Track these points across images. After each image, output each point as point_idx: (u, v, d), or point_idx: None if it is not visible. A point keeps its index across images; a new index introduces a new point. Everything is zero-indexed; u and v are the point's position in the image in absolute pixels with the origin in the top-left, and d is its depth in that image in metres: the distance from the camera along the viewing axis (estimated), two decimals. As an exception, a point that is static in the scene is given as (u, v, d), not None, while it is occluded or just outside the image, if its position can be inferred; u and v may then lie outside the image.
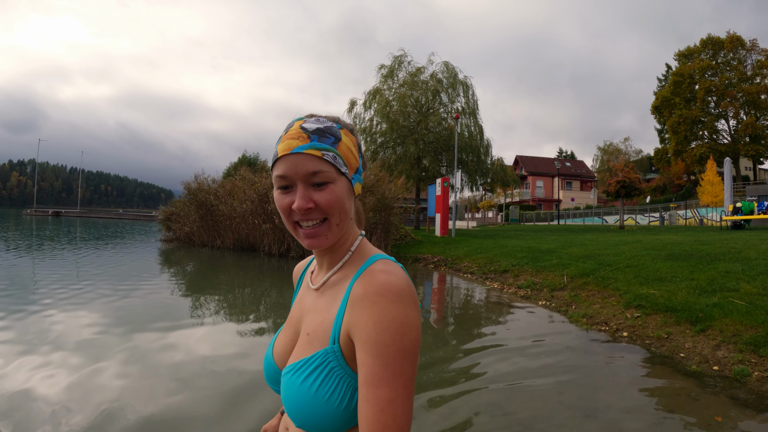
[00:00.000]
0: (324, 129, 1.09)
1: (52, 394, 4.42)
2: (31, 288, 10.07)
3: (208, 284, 11.86)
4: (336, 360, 1.02)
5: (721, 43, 54.66)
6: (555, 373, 5.34)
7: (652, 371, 5.45)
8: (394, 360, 0.92)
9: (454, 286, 12.07)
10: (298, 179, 1.05)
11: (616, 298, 8.15)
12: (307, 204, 1.04)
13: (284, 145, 1.07)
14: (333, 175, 1.06)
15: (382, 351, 0.93)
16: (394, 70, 31.79)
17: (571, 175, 72.19)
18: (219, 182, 24.72)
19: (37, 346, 5.89)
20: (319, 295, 1.16)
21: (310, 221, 1.07)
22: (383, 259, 1.09)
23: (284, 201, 1.07)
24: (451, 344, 6.58)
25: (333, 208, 1.06)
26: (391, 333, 0.94)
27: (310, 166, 1.04)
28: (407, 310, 0.96)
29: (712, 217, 40.37)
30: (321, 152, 1.05)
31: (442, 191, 21.57)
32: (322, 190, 1.05)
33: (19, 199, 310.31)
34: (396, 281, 1.00)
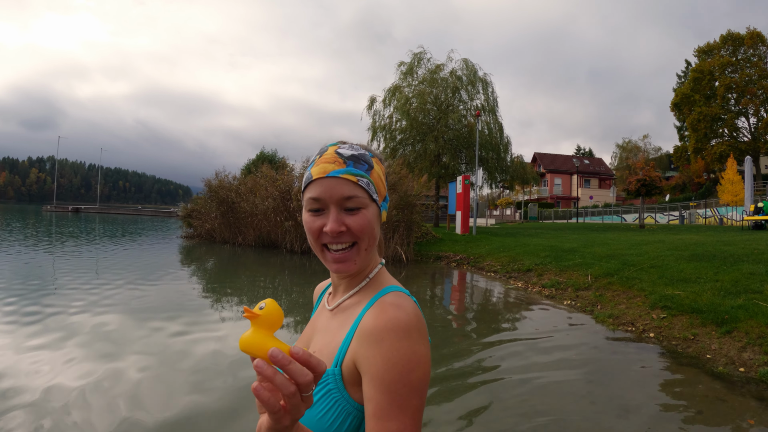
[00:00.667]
0: (359, 156, 1.12)
1: (73, 387, 4.65)
2: (63, 284, 10.37)
3: (231, 280, 12.13)
4: (335, 382, 1.04)
5: (741, 39, 54.03)
6: (584, 373, 5.49)
7: (679, 372, 5.57)
8: (401, 396, 0.94)
9: (478, 285, 12.17)
10: (331, 202, 1.07)
11: (642, 298, 8.25)
12: (340, 227, 1.06)
13: (319, 168, 1.09)
14: (366, 201, 1.09)
15: (391, 387, 0.94)
16: (413, 67, 31.82)
17: (589, 172, 71.75)
18: (240, 179, 24.89)
19: (66, 338, 6.23)
20: (332, 317, 1.19)
21: (339, 245, 1.09)
22: (397, 292, 1.11)
23: (315, 223, 1.09)
24: (480, 341, 6.72)
25: (364, 232, 1.08)
26: (398, 370, 0.95)
27: (345, 191, 1.06)
28: (415, 347, 0.98)
29: (732, 216, 39.96)
30: (356, 178, 1.08)
31: (463, 189, 21.61)
32: (354, 215, 1.07)
33: (38, 196, 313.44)
34: (405, 317, 1.01)
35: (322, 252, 1.12)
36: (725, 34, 55.49)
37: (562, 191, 71.07)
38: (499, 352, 6.12)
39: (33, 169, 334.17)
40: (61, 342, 6.04)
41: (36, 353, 5.58)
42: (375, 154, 1.18)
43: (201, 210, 26.08)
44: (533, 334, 7.15)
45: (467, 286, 12.18)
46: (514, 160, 32.37)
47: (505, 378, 5.24)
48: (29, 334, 6.31)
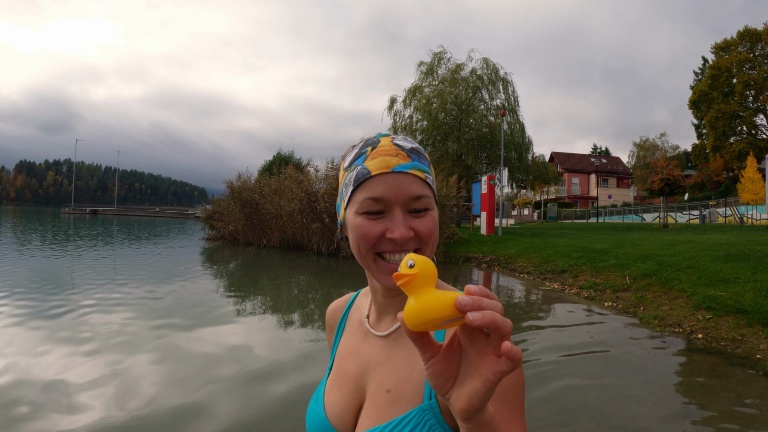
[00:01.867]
0: (418, 149, 1.00)
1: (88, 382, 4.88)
2: (89, 283, 10.74)
3: (264, 282, 12.27)
4: (434, 417, 0.91)
5: (759, 35, 53.58)
6: (642, 376, 5.58)
7: (733, 373, 5.65)
8: (516, 400, 0.88)
9: (514, 287, 12.18)
10: (398, 203, 0.93)
11: (684, 299, 8.31)
12: (409, 233, 0.92)
13: (379, 162, 0.94)
14: (432, 201, 0.97)
15: (506, 393, 0.86)
16: (434, 67, 31.92)
17: (607, 171, 71.48)
18: (263, 180, 24.89)
19: (95, 335, 6.57)
20: (391, 344, 1.04)
21: (402, 253, 0.94)
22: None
23: (374, 229, 0.94)
24: (533, 346, 6.81)
25: (431, 237, 0.95)
26: (517, 381, 0.89)
27: (414, 189, 0.93)
28: None
29: (752, 215, 39.63)
30: (424, 174, 0.96)
31: (488, 189, 21.64)
32: (422, 217, 0.95)
33: (55, 198, 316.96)
34: None
35: (375, 261, 0.96)
36: (742, 30, 55.09)
37: (580, 191, 70.88)
38: (554, 356, 6.22)
39: (50, 172, 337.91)
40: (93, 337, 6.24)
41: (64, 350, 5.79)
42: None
43: (223, 212, 26.11)
44: (585, 337, 7.24)
45: (503, 288, 12.19)
46: (535, 159, 32.37)
47: (569, 383, 5.35)
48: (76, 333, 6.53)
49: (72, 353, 5.79)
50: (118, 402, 4.42)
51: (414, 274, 0.63)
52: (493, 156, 29.97)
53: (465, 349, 0.66)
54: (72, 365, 5.37)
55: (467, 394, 0.63)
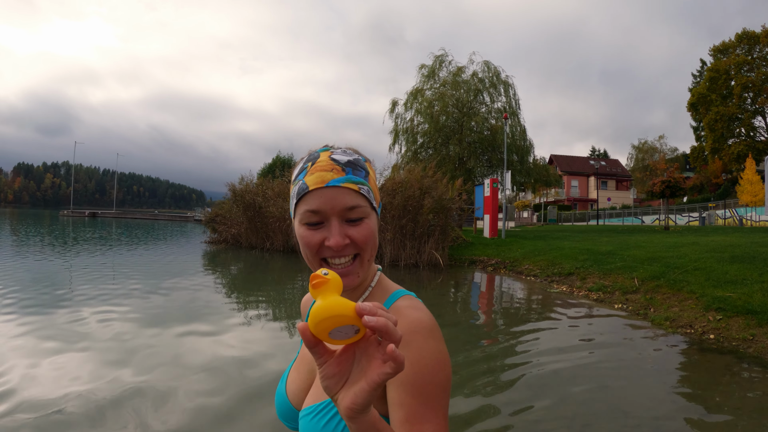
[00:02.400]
0: (355, 162, 1.06)
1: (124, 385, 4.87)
2: (98, 286, 10.69)
3: (275, 285, 12.36)
4: None
5: (757, 38, 53.91)
6: (660, 375, 5.68)
7: (747, 372, 5.76)
8: (434, 397, 0.93)
9: (522, 290, 12.19)
10: (333, 214, 1.02)
11: (693, 300, 8.43)
12: (344, 240, 1.01)
13: (316, 177, 1.03)
14: (368, 210, 1.05)
15: (422, 389, 0.92)
16: (435, 70, 31.98)
17: (606, 174, 71.67)
18: (266, 183, 24.81)
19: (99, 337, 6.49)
20: None
21: (342, 258, 1.04)
22: (407, 296, 1.10)
23: (314, 238, 1.03)
24: (542, 347, 6.89)
25: (368, 243, 1.05)
26: (428, 371, 0.94)
27: (348, 201, 1.01)
28: (439, 346, 0.98)
29: (751, 217, 39.78)
30: (358, 186, 1.03)
31: (491, 192, 21.66)
32: (357, 226, 1.03)
33: (53, 200, 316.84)
34: (426, 318, 1.01)
35: (320, 266, 1.04)
36: (740, 33, 55.43)
37: (579, 193, 71.06)
38: (568, 357, 6.31)
39: (48, 174, 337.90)
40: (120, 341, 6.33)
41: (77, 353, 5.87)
42: (366, 158, 1.13)
43: (226, 215, 26.08)
44: (599, 338, 7.33)
45: (511, 290, 12.26)
46: (536, 162, 32.47)
47: (587, 384, 5.44)
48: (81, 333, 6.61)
49: (96, 362, 5.80)
50: (155, 413, 4.29)
51: (327, 279, 0.72)
52: (495, 159, 30.06)
53: (358, 357, 0.74)
54: (100, 376, 5.35)
55: (353, 393, 0.71)
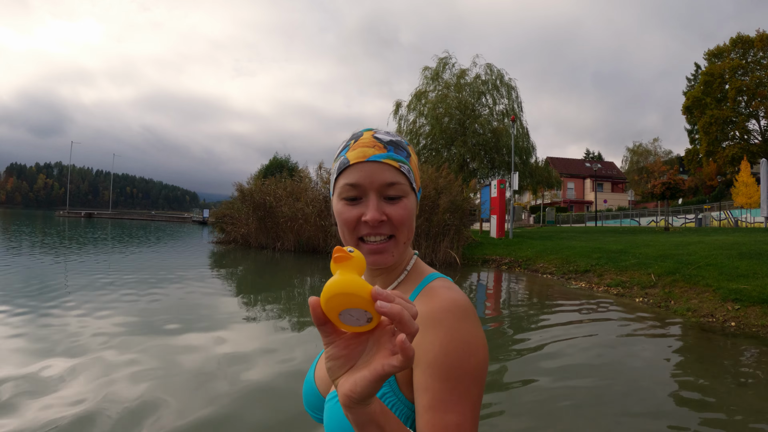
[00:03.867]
0: (398, 142, 1.06)
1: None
2: (115, 285, 10.79)
3: (293, 284, 12.77)
4: (388, 385, 0.95)
5: (751, 42, 54.52)
6: (693, 358, 6.26)
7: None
8: (461, 383, 0.87)
9: (543, 287, 12.50)
10: (372, 189, 1.00)
11: (710, 293, 8.96)
12: (381, 216, 0.99)
13: (358, 153, 1.02)
14: (407, 189, 1.03)
15: (450, 374, 0.87)
16: (439, 72, 32.30)
17: (602, 176, 72.31)
18: (278, 183, 24.75)
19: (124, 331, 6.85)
20: None
21: (378, 236, 1.02)
22: (441, 278, 1.07)
23: (351, 213, 1.02)
24: (580, 340, 7.39)
25: (404, 224, 1.02)
26: (459, 354, 0.88)
27: (387, 177, 1.00)
28: (474, 329, 0.92)
29: (746, 218, 40.35)
30: (398, 164, 1.02)
31: (498, 193, 22.13)
32: (395, 204, 1.01)
33: (46, 201, 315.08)
34: (461, 298, 0.96)
35: (357, 245, 1.03)
36: (735, 37, 55.99)
37: (575, 195, 71.64)
38: (605, 346, 6.83)
39: (41, 175, 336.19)
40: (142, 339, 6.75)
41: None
42: (409, 143, 1.12)
43: (235, 215, 25.93)
44: (629, 330, 7.83)
45: (531, 287, 12.60)
46: (538, 164, 32.88)
47: (632, 367, 5.96)
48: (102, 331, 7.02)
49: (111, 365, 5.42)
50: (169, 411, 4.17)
51: (351, 256, 0.68)
52: (498, 160, 30.46)
53: (369, 345, 0.69)
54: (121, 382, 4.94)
55: (353, 380, 0.67)
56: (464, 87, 31.28)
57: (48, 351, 5.69)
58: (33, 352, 5.67)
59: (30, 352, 5.64)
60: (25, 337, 6.29)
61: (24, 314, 7.56)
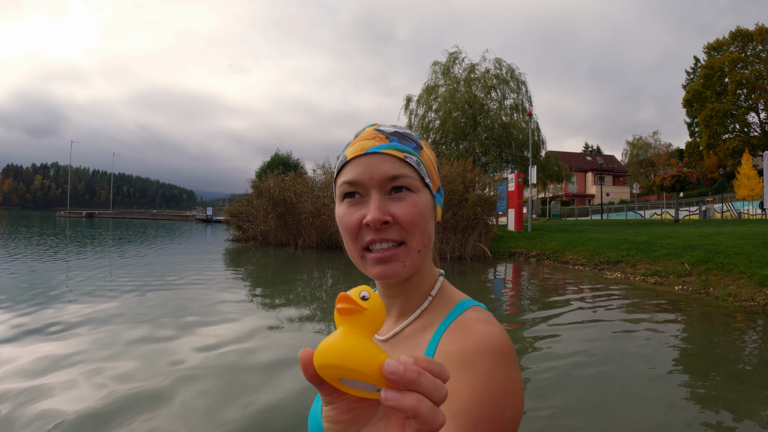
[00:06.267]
0: (403, 132, 0.93)
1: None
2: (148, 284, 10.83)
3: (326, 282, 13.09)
4: None
5: (750, 36, 55.18)
6: (746, 336, 6.92)
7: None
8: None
9: (579, 277, 12.78)
10: (372, 185, 0.86)
11: (745, 279, 9.55)
12: (384, 215, 0.84)
13: (356, 147, 0.89)
14: (416, 183, 0.88)
15: (478, 425, 0.73)
16: (449, 67, 32.62)
17: (604, 170, 72.92)
18: (298, 179, 24.64)
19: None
20: (388, 350, 0.94)
21: (384, 243, 0.86)
22: (477, 306, 0.91)
23: (353, 216, 0.87)
24: (647, 336, 8.00)
25: (415, 225, 0.86)
26: (491, 404, 0.74)
27: (389, 169, 0.86)
28: (512, 375, 0.79)
29: (748, 210, 40.94)
30: (403, 154, 0.88)
31: (516, 186, 22.63)
32: (401, 201, 0.86)
33: (43, 202, 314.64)
34: (499, 335, 0.81)
35: (362, 256, 0.89)
36: (734, 31, 56.59)
37: (577, 189, 72.24)
38: (666, 331, 7.43)
39: (37, 176, 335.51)
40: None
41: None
42: (423, 138, 0.98)
43: (252, 212, 25.74)
44: (681, 314, 8.41)
45: (568, 278, 12.86)
46: (549, 158, 33.27)
47: (697, 348, 6.56)
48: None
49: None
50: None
51: (362, 309, 0.50)
52: (510, 154, 30.81)
53: (379, 412, 0.52)
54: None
55: None
56: (474, 81, 31.61)
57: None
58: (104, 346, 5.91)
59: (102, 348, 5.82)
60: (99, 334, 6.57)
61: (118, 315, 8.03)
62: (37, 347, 5.76)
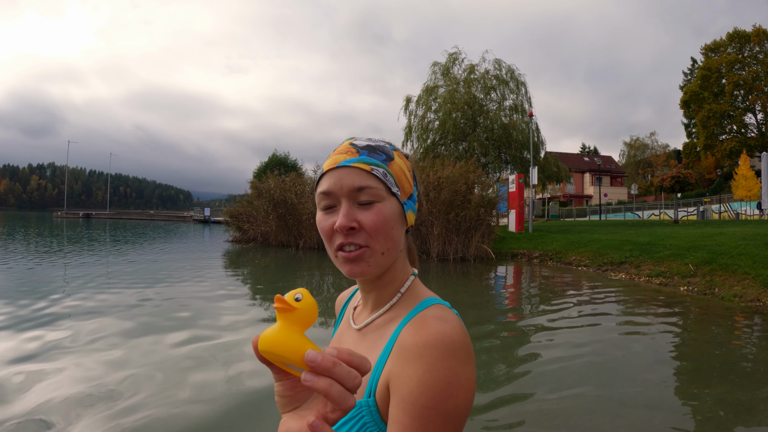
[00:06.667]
0: (375, 146, 1.01)
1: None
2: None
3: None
4: (370, 415, 0.92)
5: (748, 37, 55.43)
6: (757, 335, 6.93)
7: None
8: (433, 424, 0.82)
9: (583, 278, 12.79)
10: (342, 195, 0.96)
11: (750, 280, 9.63)
12: (350, 222, 0.94)
13: (331, 160, 1.00)
14: (382, 194, 0.97)
15: (422, 413, 0.81)
16: (449, 68, 32.61)
17: (601, 170, 73.11)
18: (298, 180, 24.57)
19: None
20: (361, 338, 1.07)
21: (351, 246, 0.96)
22: (438, 304, 0.99)
23: (327, 222, 0.98)
24: (658, 339, 8.08)
25: (378, 231, 0.96)
26: (435, 394, 0.82)
27: (356, 181, 0.96)
28: (458, 368, 0.85)
29: (745, 211, 41.12)
30: (370, 167, 0.97)
31: (517, 187, 22.62)
32: (367, 209, 0.96)
33: (39, 202, 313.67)
34: (451, 331, 0.88)
35: (335, 257, 1.00)
36: (732, 32, 56.83)
37: (574, 189, 72.41)
38: (677, 330, 7.51)
39: (33, 176, 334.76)
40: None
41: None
42: (398, 149, 1.08)
43: (252, 212, 25.65)
44: (691, 315, 8.50)
45: (573, 279, 12.86)
46: (548, 158, 33.32)
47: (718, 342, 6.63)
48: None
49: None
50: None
51: (293, 308, 0.64)
52: (510, 155, 30.84)
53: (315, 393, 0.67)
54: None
55: (290, 428, 0.67)
56: (473, 82, 31.63)
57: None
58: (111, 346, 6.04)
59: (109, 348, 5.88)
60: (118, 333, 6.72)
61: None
62: (33, 334, 6.04)
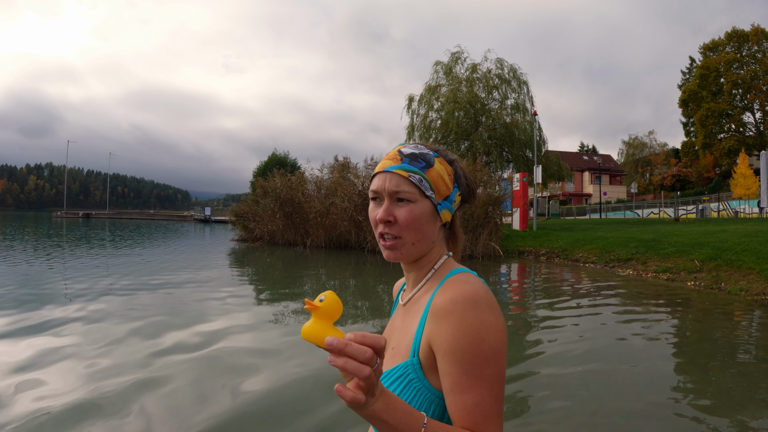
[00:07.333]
0: (418, 154, 1.17)
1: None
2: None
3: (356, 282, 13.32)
4: (414, 372, 1.07)
5: (746, 36, 55.76)
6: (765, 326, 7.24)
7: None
8: (474, 366, 0.97)
9: (593, 275, 13.00)
10: (385, 194, 1.15)
11: (755, 275, 9.96)
12: (387, 216, 1.13)
13: (381, 164, 1.19)
14: (415, 196, 1.14)
15: (462, 359, 0.98)
16: (452, 67, 32.74)
17: (600, 169, 73.39)
18: (301, 178, 24.81)
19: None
20: (406, 312, 1.24)
21: (388, 235, 1.15)
22: (463, 272, 1.16)
23: (374, 212, 1.17)
24: (662, 313, 8.41)
25: (409, 225, 1.13)
26: (468, 340, 0.98)
27: (395, 185, 1.13)
28: (483, 316, 1.00)
29: (744, 209, 41.39)
30: (408, 173, 1.13)
31: (521, 186, 22.81)
32: (402, 207, 1.13)
33: (37, 202, 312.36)
34: (470, 288, 1.04)
35: (379, 241, 1.19)
36: (730, 31, 57.13)
37: (574, 188, 72.70)
38: (687, 323, 7.83)
39: (31, 176, 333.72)
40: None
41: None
42: (443, 155, 1.22)
43: (259, 211, 25.73)
44: (702, 306, 8.86)
45: (583, 276, 13.07)
46: (549, 157, 33.48)
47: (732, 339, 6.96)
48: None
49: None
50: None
51: (317, 307, 0.84)
52: (513, 154, 31.01)
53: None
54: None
55: (346, 392, 0.79)
56: (476, 81, 31.82)
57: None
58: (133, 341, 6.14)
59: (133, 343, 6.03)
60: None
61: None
62: (32, 341, 5.93)
